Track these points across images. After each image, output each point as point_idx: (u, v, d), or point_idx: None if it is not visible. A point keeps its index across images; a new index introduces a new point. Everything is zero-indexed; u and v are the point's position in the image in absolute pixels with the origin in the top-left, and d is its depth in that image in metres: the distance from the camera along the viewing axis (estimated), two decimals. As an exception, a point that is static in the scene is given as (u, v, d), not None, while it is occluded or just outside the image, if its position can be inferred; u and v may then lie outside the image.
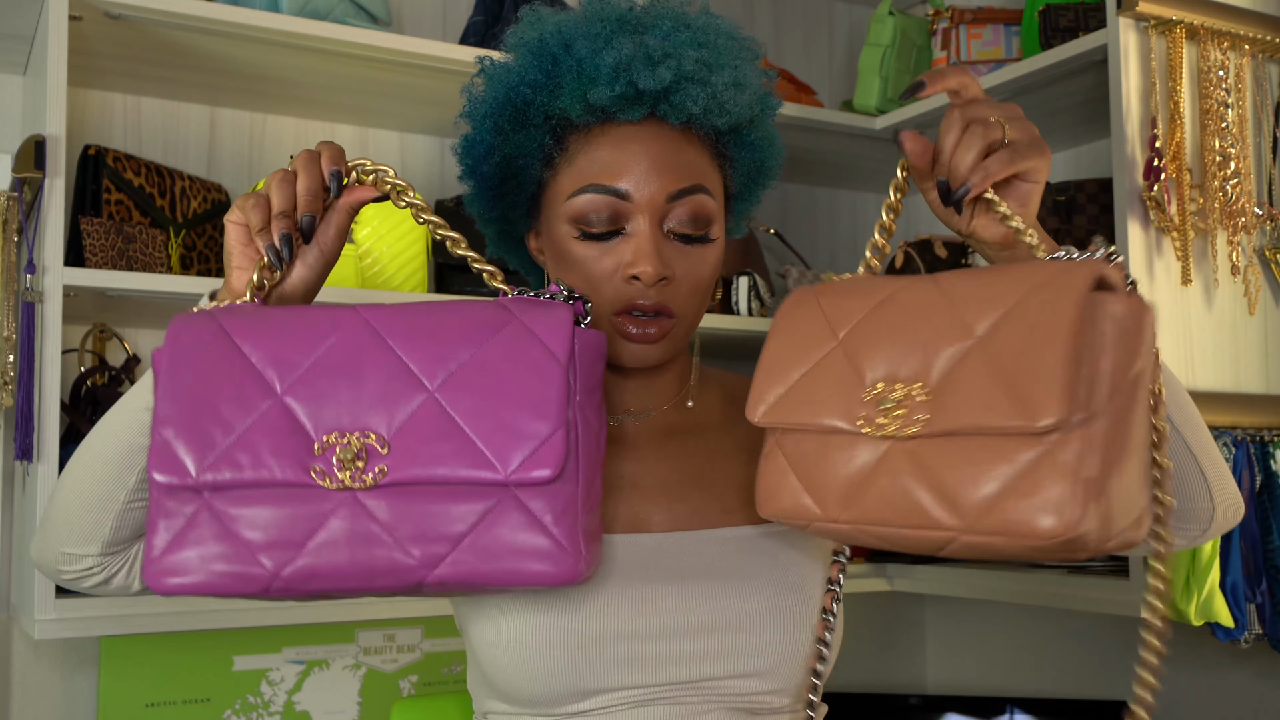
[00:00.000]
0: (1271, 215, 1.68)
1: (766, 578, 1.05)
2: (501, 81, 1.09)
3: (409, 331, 0.88)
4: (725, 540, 1.07)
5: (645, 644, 1.01)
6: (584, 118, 1.06)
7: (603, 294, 1.05)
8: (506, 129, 1.09)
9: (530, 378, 0.86)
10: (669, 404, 1.16)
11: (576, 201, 1.05)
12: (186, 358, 0.88)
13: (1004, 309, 0.82)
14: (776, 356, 0.92)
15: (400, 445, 0.85)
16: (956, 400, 0.81)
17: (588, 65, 1.04)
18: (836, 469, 0.87)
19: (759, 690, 1.03)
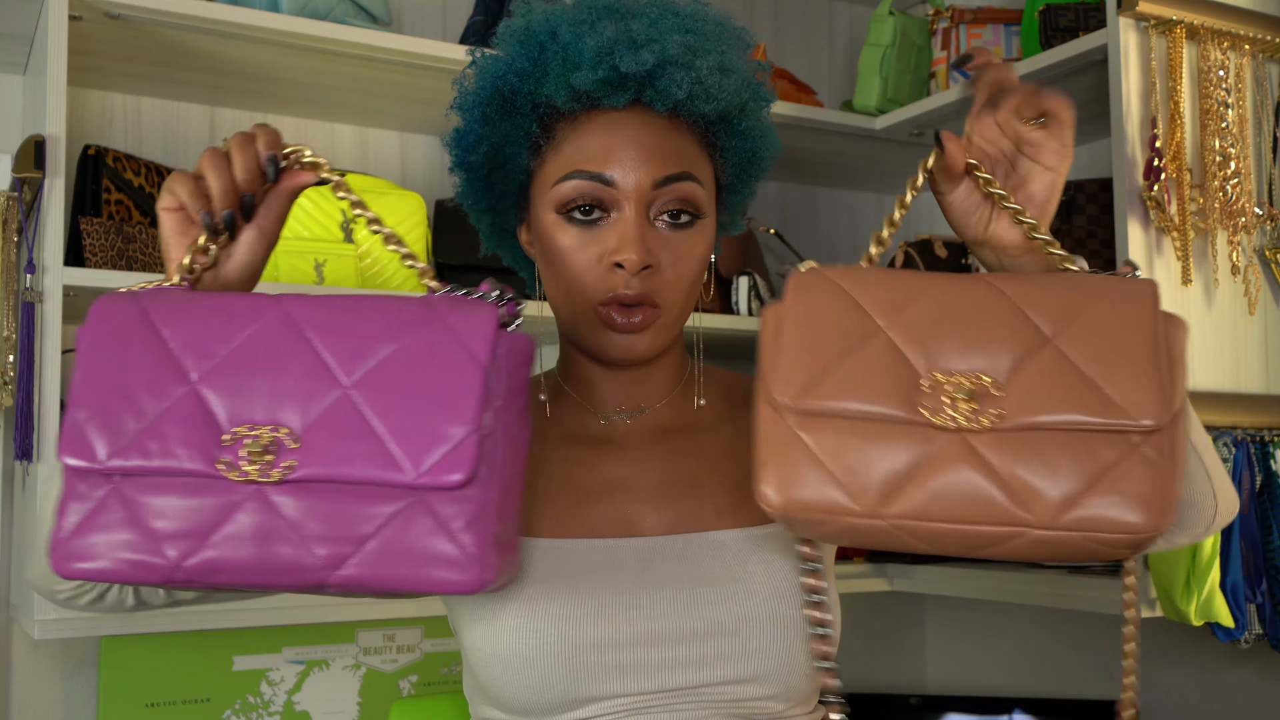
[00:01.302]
0: (1271, 215, 1.68)
1: (761, 581, 1.03)
2: (489, 71, 1.08)
3: (329, 325, 0.86)
4: (719, 544, 1.05)
5: (639, 651, 1.01)
6: (569, 104, 1.05)
7: (586, 284, 1.04)
8: (494, 118, 1.08)
9: (447, 379, 0.84)
10: (662, 401, 1.15)
11: (562, 188, 1.04)
12: (105, 340, 0.87)
13: (1076, 313, 0.85)
14: (803, 335, 0.88)
15: (311, 441, 0.83)
16: (1037, 396, 0.82)
17: (571, 50, 1.04)
18: (880, 461, 0.83)
19: (755, 696, 1.03)
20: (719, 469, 1.11)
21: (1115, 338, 0.83)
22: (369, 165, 2.00)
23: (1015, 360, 0.84)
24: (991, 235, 0.99)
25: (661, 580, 1.03)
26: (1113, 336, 0.83)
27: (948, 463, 0.82)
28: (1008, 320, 0.85)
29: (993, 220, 0.99)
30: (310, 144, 1.96)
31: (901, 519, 0.82)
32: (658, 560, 1.04)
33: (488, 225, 1.18)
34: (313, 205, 1.72)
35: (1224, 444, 1.58)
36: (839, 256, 2.46)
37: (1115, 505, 0.79)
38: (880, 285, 0.89)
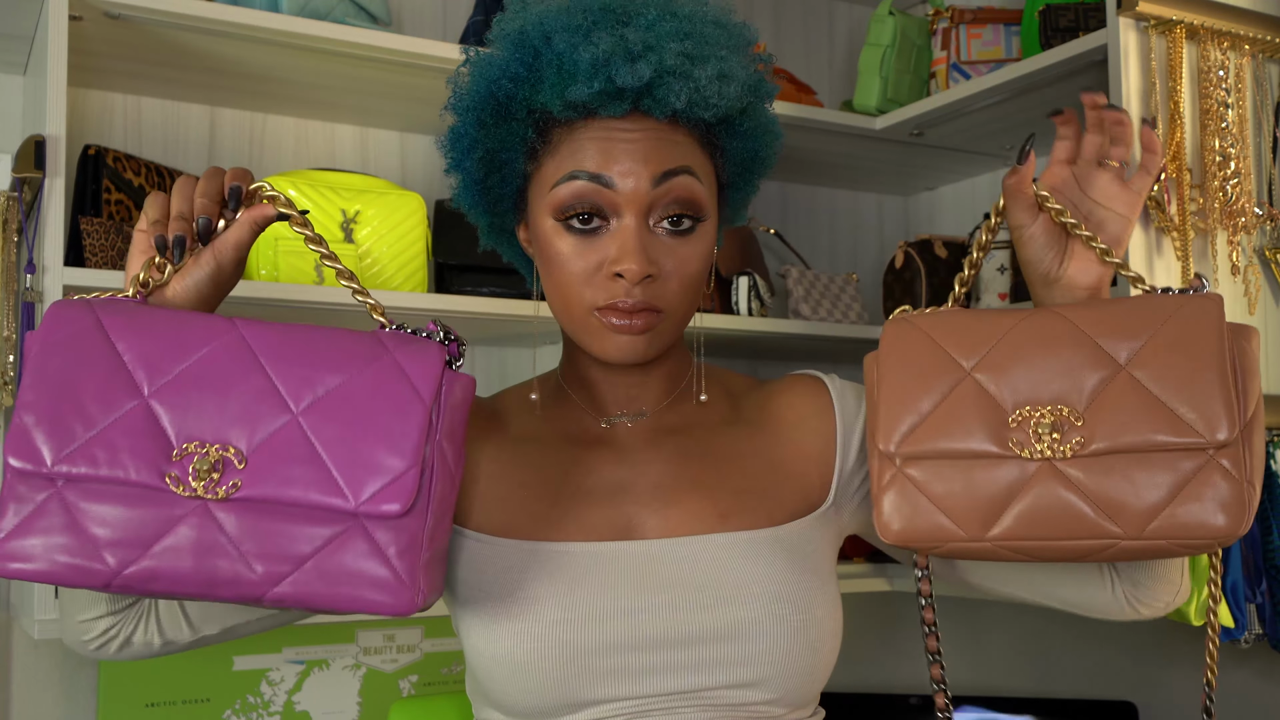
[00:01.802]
0: (1271, 215, 1.68)
1: (762, 586, 1.03)
2: (484, 74, 1.07)
3: (282, 352, 0.90)
4: (720, 546, 1.05)
5: (639, 655, 1.00)
6: (565, 113, 1.04)
7: (585, 291, 1.03)
8: (489, 122, 1.08)
9: (393, 413, 0.89)
10: (663, 404, 1.15)
11: (559, 191, 1.03)
12: (58, 346, 0.90)
13: (1143, 337, 0.92)
14: (897, 387, 0.97)
15: (257, 463, 0.87)
16: (1114, 421, 0.91)
17: (566, 61, 1.02)
18: (976, 491, 0.93)
19: (755, 700, 1.02)
20: (721, 471, 1.11)
21: (1183, 357, 0.90)
22: (369, 165, 2.00)
23: (1092, 388, 0.92)
24: (1065, 274, 1.01)
25: (662, 584, 1.02)
26: (1181, 356, 0.91)
27: (1039, 486, 0.92)
28: (1082, 350, 0.93)
29: (1067, 259, 1.01)
30: (310, 144, 1.96)
31: (1003, 540, 0.92)
32: (658, 564, 1.04)
33: (486, 225, 1.18)
34: (312, 205, 1.72)
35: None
36: (839, 256, 2.46)
37: (1195, 512, 0.88)
38: (962, 329, 0.98)
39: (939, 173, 2.37)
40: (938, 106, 1.97)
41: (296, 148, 1.95)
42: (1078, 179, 1.02)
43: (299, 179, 1.72)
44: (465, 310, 1.74)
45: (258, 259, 1.68)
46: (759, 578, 1.04)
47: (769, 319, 2.00)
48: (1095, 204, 1.01)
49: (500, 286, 1.82)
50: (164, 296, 0.96)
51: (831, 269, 2.40)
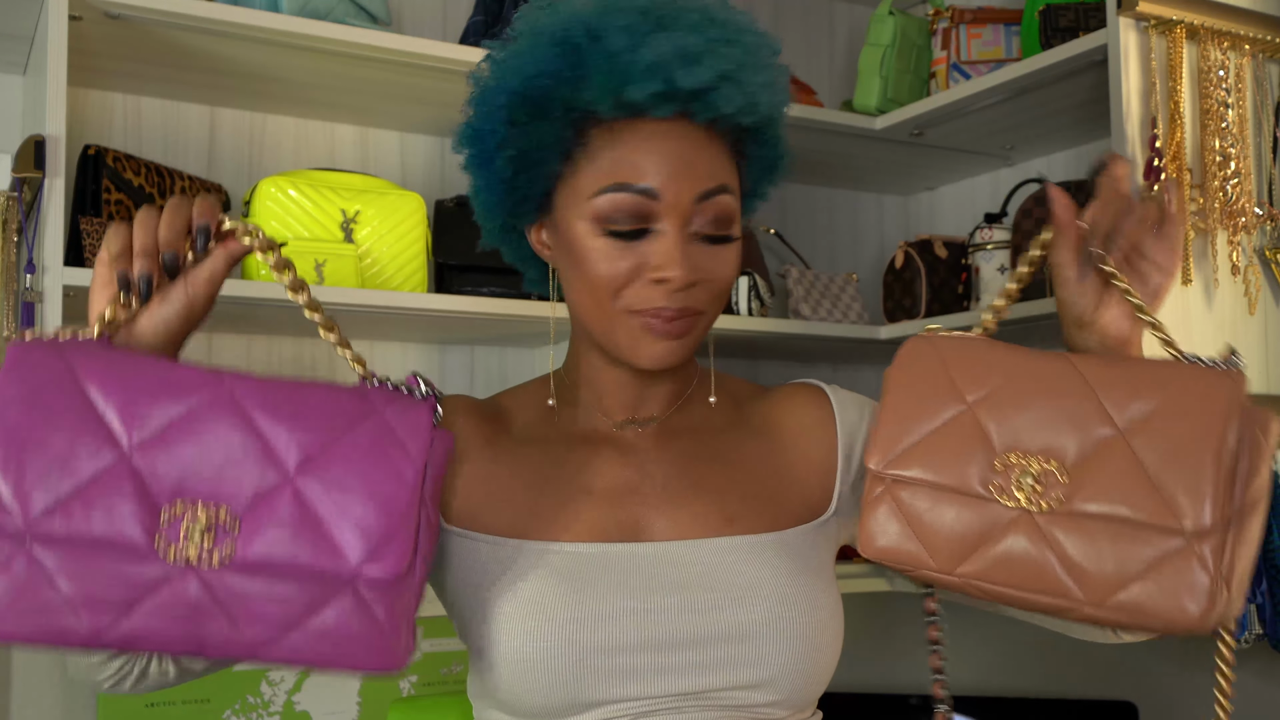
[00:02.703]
0: (1271, 215, 1.68)
1: (769, 588, 1.03)
2: (517, 71, 1.04)
3: (273, 409, 0.87)
4: (727, 549, 1.05)
5: (646, 656, 1.00)
6: (612, 112, 1.03)
7: (621, 295, 1.03)
8: (522, 120, 1.05)
9: (385, 477, 0.87)
10: (672, 407, 1.15)
11: (602, 200, 1.02)
12: (26, 393, 0.84)
13: (1150, 405, 0.89)
14: (899, 407, 0.97)
15: (250, 526, 0.85)
16: (1096, 484, 0.88)
17: (621, 60, 1.01)
18: (952, 525, 0.92)
19: (761, 702, 1.03)
20: (727, 475, 1.11)
21: (1183, 432, 0.87)
22: (369, 165, 2.00)
23: (1084, 445, 0.90)
24: (1099, 320, 1.00)
25: (671, 586, 1.02)
26: (1181, 431, 0.87)
27: (1013, 535, 0.90)
28: (1084, 404, 0.91)
29: (1102, 306, 0.99)
30: (310, 144, 1.96)
31: (971, 578, 0.92)
32: (666, 565, 1.04)
33: (497, 225, 1.16)
34: (312, 205, 1.72)
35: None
36: (839, 256, 2.46)
37: (1159, 597, 0.85)
38: (975, 360, 0.97)
39: (939, 173, 2.37)
40: (938, 106, 1.97)
41: (296, 148, 1.95)
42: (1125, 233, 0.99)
43: (299, 179, 1.73)
44: (465, 310, 1.74)
45: (255, 259, 1.68)
46: (765, 581, 1.04)
47: (769, 319, 2.00)
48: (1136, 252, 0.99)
49: (500, 286, 1.82)
50: (131, 332, 0.92)
51: (831, 269, 2.40)
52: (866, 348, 2.22)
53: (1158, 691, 2.05)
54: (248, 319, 1.77)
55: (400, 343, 2.01)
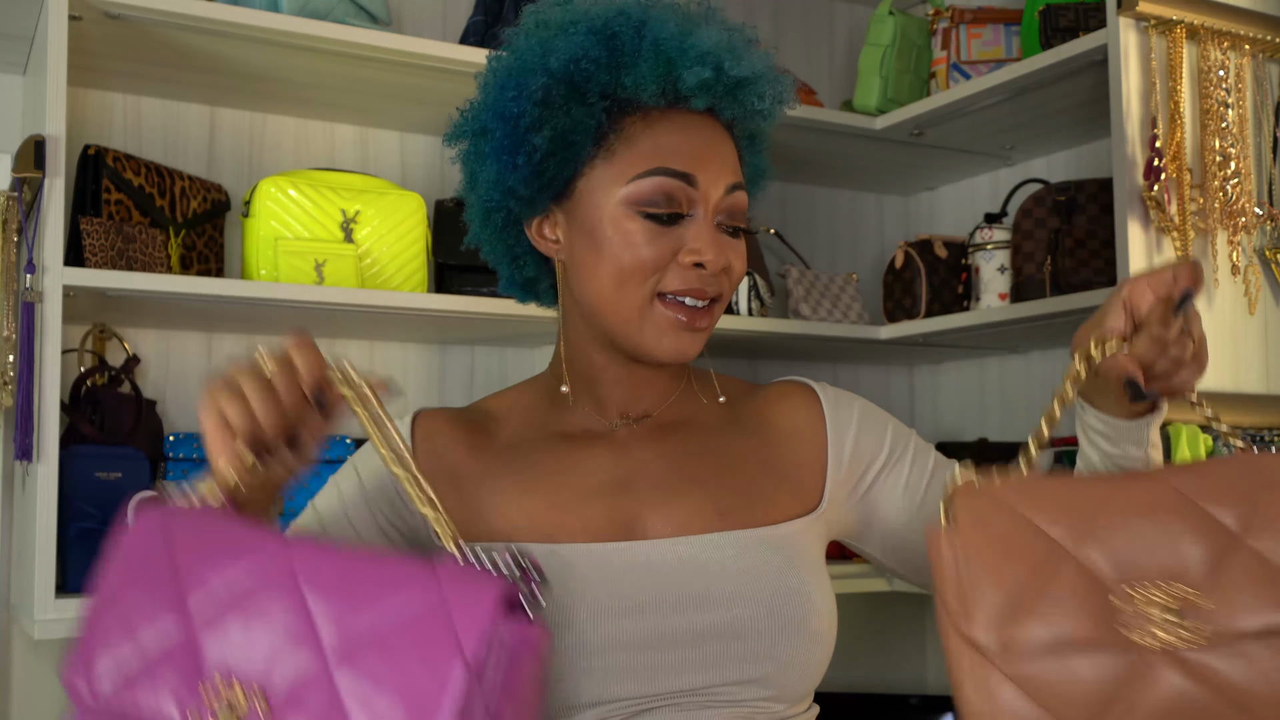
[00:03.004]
0: (1271, 215, 1.68)
1: (763, 583, 1.04)
2: (555, 55, 1.05)
3: (326, 586, 0.80)
4: (720, 545, 1.06)
5: (641, 654, 1.01)
6: (654, 99, 1.06)
7: (650, 280, 1.05)
8: (558, 103, 1.06)
9: (425, 676, 0.76)
10: (665, 403, 1.15)
11: (643, 184, 1.05)
12: (125, 564, 0.85)
13: (1258, 504, 0.81)
14: (990, 570, 0.85)
15: (281, 714, 0.78)
16: (1236, 598, 0.79)
17: (671, 47, 1.05)
18: (1090, 682, 0.80)
19: (757, 697, 1.03)
20: (719, 471, 1.12)
21: None
22: (369, 165, 2.00)
23: (1204, 560, 0.81)
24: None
25: (666, 583, 1.03)
26: None
27: (1162, 675, 0.79)
28: (1186, 516, 0.82)
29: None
30: (310, 144, 1.96)
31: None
32: (661, 563, 1.04)
33: (501, 216, 1.14)
34: (312, 205, 1.72)
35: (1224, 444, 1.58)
36: (839, 256, 2.46)
37: None
38: (1047, 496, 0.86)
39: (939, 173, 2.37)
40: (938, 106, 1.97)
41: (296, 148, 1.95)
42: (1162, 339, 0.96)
43: (299, 179, 1.73)
44: (465, 310, 1.74)
45: (258, 259, 1.68)
46: (760, 576, 1.05)
47: (769, 319, 2.00)
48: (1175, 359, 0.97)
49: (500, 286, 1.82)
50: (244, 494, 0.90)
51: (831, 269, 2.40)
52: (866, 348, 2.22)
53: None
54: (248, 319, 1.77)
55: (400, 343, 2.01)
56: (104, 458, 1.56)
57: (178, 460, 1.67)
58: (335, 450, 1.77)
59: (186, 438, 1.69)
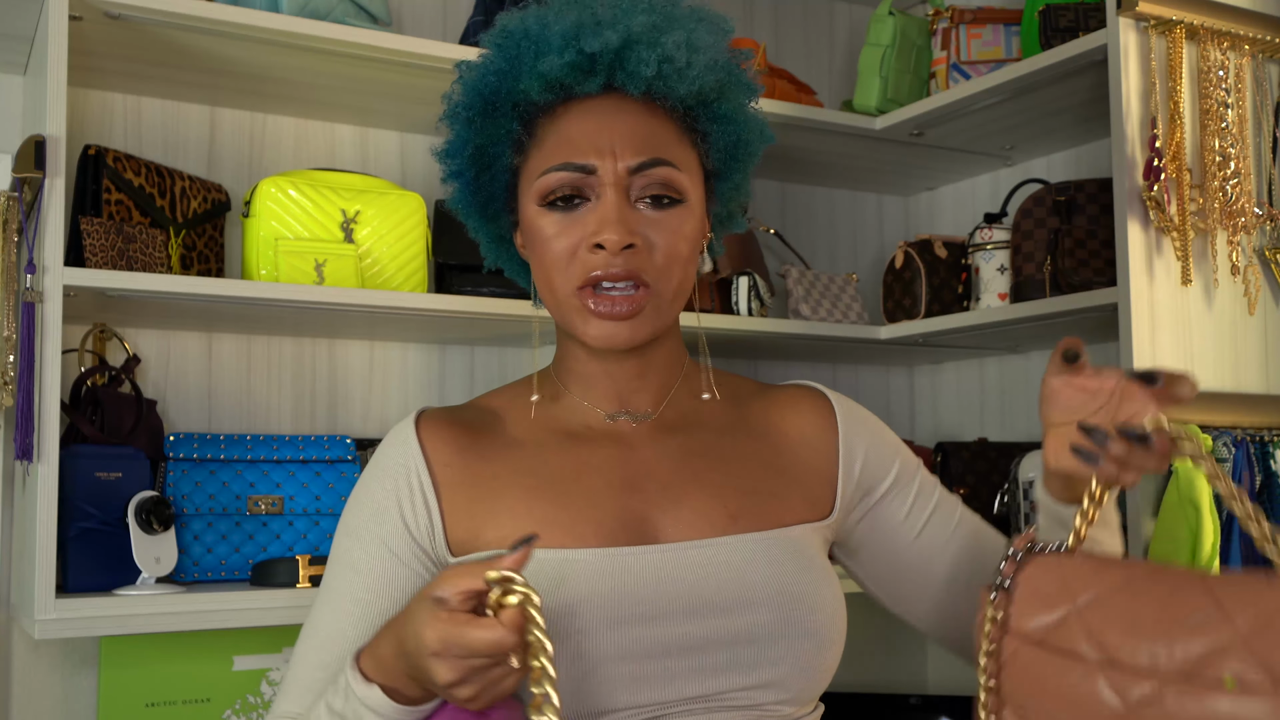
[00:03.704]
0: (1271, 215, 1.68)
1: (776, 588, 1.04)
2: (471, 77, 1.10)
3: None
4: (732, 548, 1.05)
5: (660, 661, 1.00)
6: (544, 95, 1.07)
7: (568, 271, 1.05)
8: (477, 120, 1.10)
9: None
10: (664, 400, 1.14)
11: (544, 180, 1.06)
12: None
13: None
14: None
15: None
16: None
17: (539, 40, 1.05)
18: None
19: (769, 700, 1.03)
20: (727, 472, 1.11)
21: None
22: (369, 165, 2.00)
23: None
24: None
25: (680, 590, 1.02)
26: None
27: None
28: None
29: None
30: (310, 144, 1.96)
31: None
32: (674, 569, 1.03)
33: (486, 236, 1.19)
34: (312, 205, 1.72)
35: (1224, 444, 1.58)
36: (839, 256, 2.46)
37: None
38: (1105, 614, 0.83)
39: (939, 173, 2.37)
40: (938, 106, 1.97)
41: (296, 148, 1.95)
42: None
43: (299, 179, 1.73)
44: (465, 310, 1.74)
45: (258, 259, 1.68)
46: (773, 580, 1.04)
47: (769, 319, 2.00)
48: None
49: (500, 286, 1.82)
50: None
51: (831, 269, 2.40)
52: (866, 348, 2.22)
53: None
54: (248, 319, 1.77)
55: (400, 343, 2.01)
56: (104, 458, 1.56)
57: (178, 460, 1.67)
58: (335, 450, 1.77)
59: (186, 438, 1.69)
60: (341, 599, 1.06)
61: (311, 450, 1.76)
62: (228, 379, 1.88)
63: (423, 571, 1.07)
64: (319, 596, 1.09)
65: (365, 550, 1.07)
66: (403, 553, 1.07)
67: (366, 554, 1.07)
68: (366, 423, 1.96)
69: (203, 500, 1.67)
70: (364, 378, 1.98)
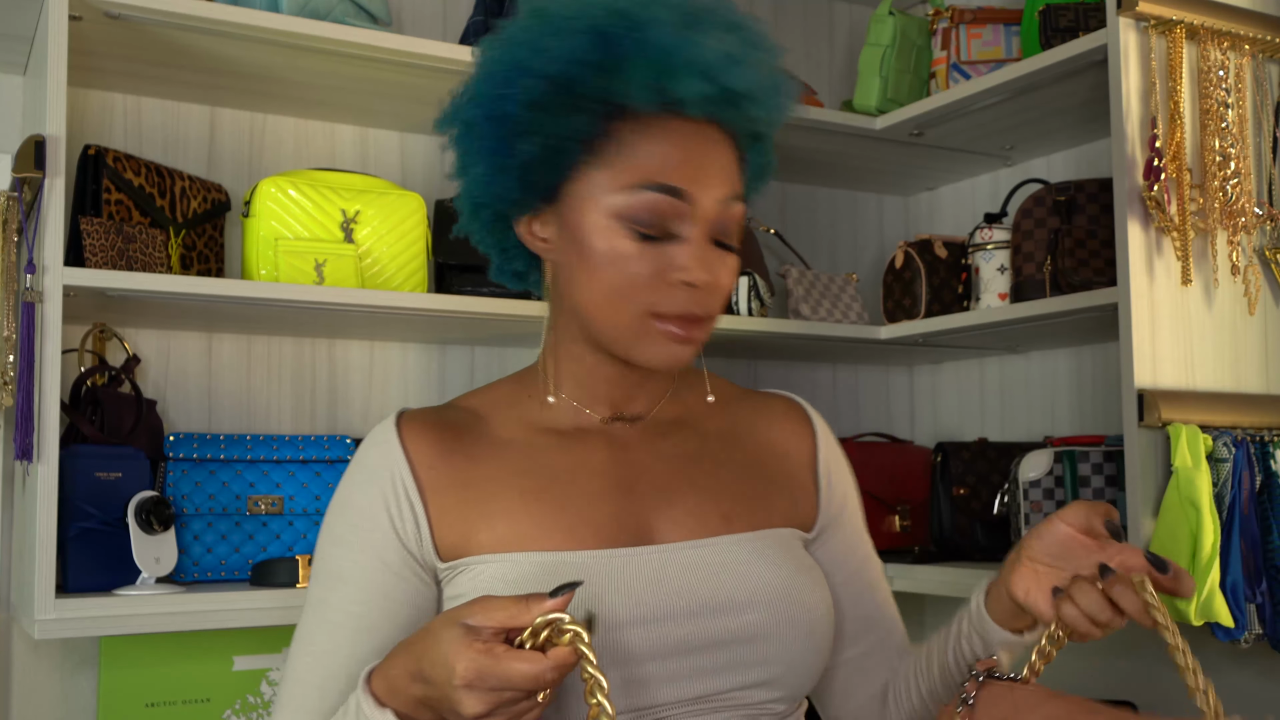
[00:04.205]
0: (1271, 215, 1.68)
1: (772, 588, 1.04)
2: (546, 56, 1.01)
3: None
4: (727, 549, 1.05)
5: (660, 663, 1.00)
6: (648, 107, 1.01)
7: (645, 295, 1.01)
8: (550, 106, 1.01)
9: None
10: (657, 404, 1.14)
11: (635, 199, 1.00)
12: None
13: None
14: None
15: None
16: None
17: (666, 54, 0.99)
18: None
19: (766, 699, 1.03)
20: (718, 474, 1.11)
21: None
22: (369, 165, 2.00)
23: None
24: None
25: (678, 591, 1.02)
26: None
27: None
28: None
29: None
30: (310, 144, 1.96)
31: None
32: (672, 569, 1.03)
33: (489, 212, 1.10)
34: (312, 205, 1.72)
35: (1224, 444, 1.58)
36: (839, 256, 2.46)
37: None
38: None
39: (939, 173, 2.37)
40: (938, 106, 1.97)
41: (296, 148, 1.95)
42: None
43: (299, 179, 1.73)
44: (465, 310, 1.74)
45: (258, 259, 1.68)
46: (769, 580, 1.04)
47: (769, 319, 2.00)
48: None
49: (500, 286, 1.82)
50: None
51: (831, 269, 2.40)
52: (866, 348, 2.22)
53: (1158, 691, 2.05)
54: (248, 319, 1.77)
55: (400, 343, 2.01)
56: (104, 458, 1.56)
57: (177, 460, 1.67)
58: (335, 450, 1.77)
59: (186, 438, 1.69)
60: (332, 611, 1.03)
61: (311, 450, 1.76)
62: (228, 379, 1.88)
63: (413, 579, 1.04)
64: (307, 609, 1.06)
65: (354, 560, 1.03)
66: (394, 561, 1.03)
67: (355, 564, 1.03)
68: (366, 423, 1.96)
69: (202, 500, 1.67)
70: (364, 378, 1.98)
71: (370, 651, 1.01)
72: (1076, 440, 1.89)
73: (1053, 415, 2.23)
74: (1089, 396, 2.17)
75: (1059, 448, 1.87)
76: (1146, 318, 1.59)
